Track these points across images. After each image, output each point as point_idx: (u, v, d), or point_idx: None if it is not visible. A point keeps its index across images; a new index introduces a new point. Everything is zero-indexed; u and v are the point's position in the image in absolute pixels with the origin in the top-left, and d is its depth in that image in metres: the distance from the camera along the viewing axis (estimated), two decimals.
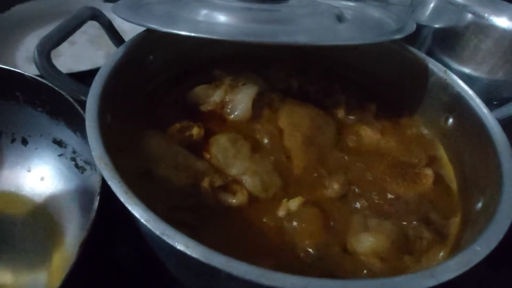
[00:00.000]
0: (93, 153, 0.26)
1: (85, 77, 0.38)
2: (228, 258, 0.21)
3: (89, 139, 0.27)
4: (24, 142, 0.46)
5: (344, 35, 0.39)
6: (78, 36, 0.46)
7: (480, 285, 0.41)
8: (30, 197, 0.46)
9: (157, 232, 0.22)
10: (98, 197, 0.28)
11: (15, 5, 0.63)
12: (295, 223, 0.31)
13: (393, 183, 0.35)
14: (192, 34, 0.34)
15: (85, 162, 0.43)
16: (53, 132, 0.44)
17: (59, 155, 0.45)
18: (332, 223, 0.32)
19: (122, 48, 0.37)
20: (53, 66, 0.32)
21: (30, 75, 0.38)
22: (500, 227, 0.25)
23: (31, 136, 0.45)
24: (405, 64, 0.43)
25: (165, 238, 0.22)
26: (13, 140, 0.46)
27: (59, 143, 0.44)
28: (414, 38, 0.46)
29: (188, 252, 0.21)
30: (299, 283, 0.21)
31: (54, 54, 0.34)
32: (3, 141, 0.46)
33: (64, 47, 0.39)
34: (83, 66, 0.47)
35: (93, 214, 0.27)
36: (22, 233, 0.43)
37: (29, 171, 0.46)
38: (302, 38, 0.37)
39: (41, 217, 0.45)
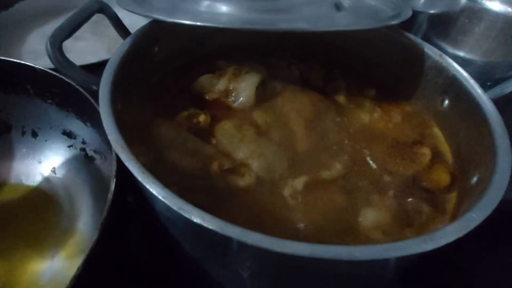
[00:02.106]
0: (109, 137, 0.28)
1: (91, 70, 0.40)
2: (242, 228, 0.23)
3: (104, 124, 0.29)
4: (34, 134, 0.47)
5: (341, 22, 0.41)
6: (81, 31, 0.47)
7: (481, 261, 0.43)
8: (42, 188, 0.47)
9: (175, 208, 0.24)
10: (114, 180, 0.30)
11: (19, 1, 0.64)
12: (300, 201, 0.33)
13: (393, 163, 0.37)
14: (195, 23, 0.35)
15: (95, 152, 0.45)
16: (62, 123, 0.45)
17: (69, 146, 0.46)
18: (335, 201, 0.34)
19: (129, 40, 0.39)
20: (65, 58, 0.34)
21: (40, 67, 0.39)
22: (495, 196, 0.27)
23: (41, 128, 0.46)
24: (402, 50, 0.44)
25: (182, 212, 0.24)
26: (23, 133, 0.47)
27: (68, 134, 0.46)
28: (411, 24, 0.48)
29: (205, 224, 0.23)
30: (308, 249, 0.22)
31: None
32: (14, 134, 0.47)
33: (68, 41, 0.41)
34: (88, 59, 0.48)
35: (110, 196, 0.29)
36: (35, 223, 0.45)
37: (40, 162, 0.48)
38: (301, 25, 0.39)
39: (53, 207, 0.46)
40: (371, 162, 0.37)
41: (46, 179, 0.47)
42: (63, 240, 0.44)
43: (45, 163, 0.48)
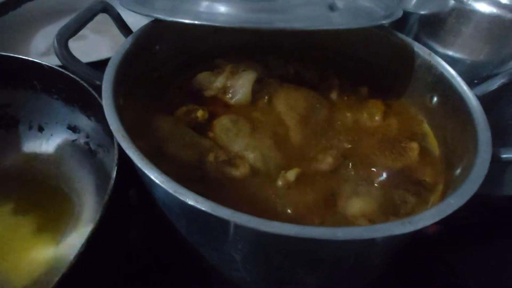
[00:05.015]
0: (111, 127, 0.30)
1: (95, 67, 0.42)
2: (232, 210, 0.25)
3: (106, 115, 0.30)
4: (41, 129, 0.49)
5: (336, 21, 0.43)
6: (85, 31, 0.49)
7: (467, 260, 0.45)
8: (46, 181, 0.49)
9: (171, 191, 0.26)
10: (116, 167, 0.31)
11: (26, 2, 0.66)
12: (292, 191, 0.35)
13: (382, 156, 0.39)
14: (194, 22, 0.37)
15: (98, 145, 0.47)
16: (68, 118, 0.47)
17: (73, 140, 0.48)
18: (325, 191, 0.36)
19: (131, 38, 0.41)
20: (71, 54, 0.36)
21: (47, 64, 0.41)
22: (473, 184, 0.28)
23: (47, 123, 0.49)
24: (393, 49, 0.46)
25: (177, 195, 0.25)
26: (30, 127, 0.49)
27: (73, 129, 0.48)
28: (402, 25, 0.49)
29: (198, 206, 0.25)
30: (293, 229, 0.24)
31: None
32: (21, 128, 0.49)
33: (73, 41, 0.43)
34: (92, 57, 0.51)
35: (112, 182, 0.30)
36: (39, 215, 0.47)
37: (45, 156, 0.50)
38: (297, 24, 0.41)
39: (57, 200, 0.48)
40: (361, 155, 0.39)
41: (51, 173, 0.49)
42: (67, 231, 0.45)
43: (51, 157, 0.50)
